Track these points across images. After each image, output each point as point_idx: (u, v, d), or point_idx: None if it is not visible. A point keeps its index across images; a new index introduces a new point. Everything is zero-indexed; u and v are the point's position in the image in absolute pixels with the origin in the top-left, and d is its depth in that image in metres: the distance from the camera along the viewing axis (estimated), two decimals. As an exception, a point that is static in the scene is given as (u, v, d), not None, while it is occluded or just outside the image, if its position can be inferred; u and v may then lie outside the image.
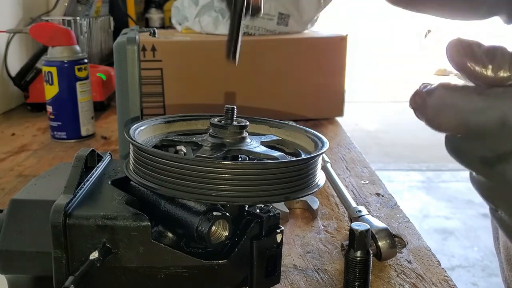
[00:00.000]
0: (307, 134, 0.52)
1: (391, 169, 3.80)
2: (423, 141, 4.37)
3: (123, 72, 0.72)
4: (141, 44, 0.98)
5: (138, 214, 0.43)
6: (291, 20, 1.17)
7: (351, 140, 1.06)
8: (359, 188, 0.80)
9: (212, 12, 1.17)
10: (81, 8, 1.48)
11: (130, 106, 0.72)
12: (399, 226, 0.68)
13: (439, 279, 0.55)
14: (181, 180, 0.42)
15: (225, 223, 0.43)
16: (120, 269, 0.43)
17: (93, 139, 1.07)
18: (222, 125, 0.48)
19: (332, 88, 1.17)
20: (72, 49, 1.02)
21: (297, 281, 0.55)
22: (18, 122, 1.20)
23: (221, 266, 0.44)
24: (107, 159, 0.54)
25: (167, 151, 0.47)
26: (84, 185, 0.47)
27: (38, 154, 0.97)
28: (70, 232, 0.42)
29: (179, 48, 1.12)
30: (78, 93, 1.02)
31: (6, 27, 1.21)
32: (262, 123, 0.56)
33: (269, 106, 1.14)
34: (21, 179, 0.85)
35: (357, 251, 0.49)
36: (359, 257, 0.49)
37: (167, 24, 1.85)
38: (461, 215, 3.09)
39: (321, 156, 0.47)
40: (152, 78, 1.11)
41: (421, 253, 0.61)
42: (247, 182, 0.42)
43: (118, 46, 0.71)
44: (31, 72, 1.28)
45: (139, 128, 0.51)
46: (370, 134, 4.59)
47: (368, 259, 0.49)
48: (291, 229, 0.67)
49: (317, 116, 1.19)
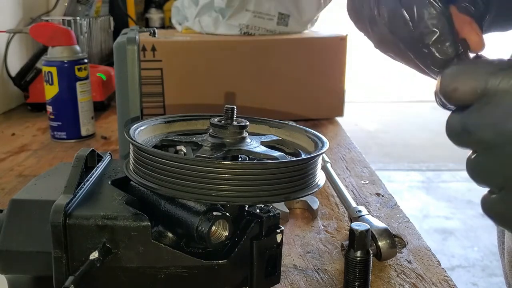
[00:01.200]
0: (307, 134, 0.52)
1: (391, 169, 3.80)
2: (423, 141, 4.38)
3: (123, 72, 0.72)
4: (141, 44, 0.98)
5: (138, 214, 0.43)
6: (291, 20, 1.17)
7: (351, 140, 1.06)
8: (359, 188, 0.80)
9: (212, 12, 1.17)
10: (81, 8, 1.48)
11: (130, 106, 0.72)
12: (399, 226, 0.68)
13: (439, 279, 0.55)
14: (181, 180, 0.42)
15: (225, 223, 0.43)
16: (120, 269, 0.43)
17: (93, 139, 1.07)
18: (222, 125, 0.48)
19: (332, 88, 1.17)
20: (72, 49, 1.02)
21: (297, 281, 0.55)
22: (18, 122, 1.20)
23: (221, 266, 0.44)
24: (107, 159, 0.54)
25: (167, 151, 0.48)
26: (84, 185, 0.47)
27: (38, 154, 0.97)
28: (70, 232, 0.42)
29: (179, 48, 1.12)
30: (78, 93, 1.02)
31: (6, 27, 1.21)
32: (262, 123, 0.56)
33: (269, 106, 1.13)
34: (21, 179, 0.85)
35: (357, 251, 0.49)
36: (359, 257, 0.49)
37: (167, 24, 1.85)
38: (461, 215, 3.09)
39: (321, 156, 0.47)
40: (152, 78, 1.11)
41: (421, 253, 0.61)
42: (247, 182, 0.42)
43: (118, 46, 0.71)
44: (31, 72, 1.28)
45: (139, 128, 0.51)
46: (370, 134, 4.59)
47: (368, 259, 0.49)
48: (291, 229, 0.67)
49: (317, 116, 1.19)
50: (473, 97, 0.34)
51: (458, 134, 0.35)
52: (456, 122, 0.36)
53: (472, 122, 0.34)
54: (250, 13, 1.14)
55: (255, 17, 1.14)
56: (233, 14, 1.14)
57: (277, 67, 1.14)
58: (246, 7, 1.14)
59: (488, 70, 0.34)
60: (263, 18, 1.15)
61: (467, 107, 0.35)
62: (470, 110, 0.35)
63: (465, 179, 3.51)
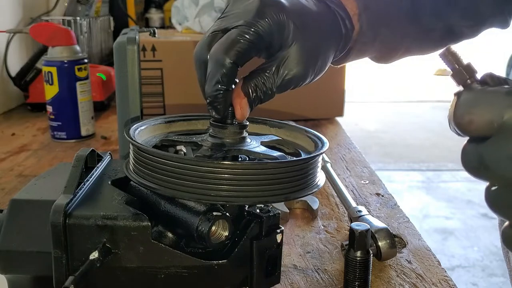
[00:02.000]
0: (307, 134, 0.52)
1: (391, 169, 3.80)
2: (423, 141, 4.38)
3: (123, 72, 0.72)
4: (141, 44, 0.98)
5: (138, 214, 0.43)
6: (291, 20, 1.17)
7: (351, 140, 1.06)
8: (359, 188, 0.80)
9: (212, 12, 1.17)
10: (81, 8, 1.48)
11: (130, 106, 0.72)
12: (399, 226, 0.68)
13: (439, 279, 0.55)
14: (181, 180, 0.42)
15: (225, 223, 0.43)
16: (120, 269, 0.43)
17: (93, 139, 1.07)
18: (222, 125, 0.48)
19: (332, 88, 1.17)
20: (72, 49, 1.02)
21: (297, 281, 0.55)
22: (18, 122, 1.20)
23: (221, 266, 0.44)
24: (107, 159, 0.54)
25: (167, 151, 0.48)
26: (84, 185, 0.47)
27: (38, 154, 0.97)
28: (70, 232, 0.42)
29: (179, 48, 1.12)
30: (78, 93, 1.02)
31: (6, 27, 1.21)
32: (262, 123, 0.56)
33: (269, 106, 1.12)
34: (21, 179, 0.85)
35: (357, 251, 0.49)
36: (359, 257, 0.49)
37: (167, 24, 1.85)
38: (461, 215, 3.10)
39: (321, 156, 0.47)
40: (152, 78, 1.11)
41: (421, 253, 0.61)
42: (247, 182, 0.42)
43: (118, 46, 0.71)
44: (31, 72, 1.28)
45: (139, 128, 0.51)
46: (370, 134, 4.59)
47: (368, 259, 0.49)
48: (291, 229, 0.67)
49: (317, 116, 1.18)
50: (490, 130, 0.33)
51: (476, 168, 0.34)
52: (473, 154, 0.34)
53: (490, 157, 0.33)
54: (250, 13, 1.14)
55: (255, 17, 1.14)
56: (233, 14, 1.14)
57: (277, 67, 1.14)
58: (246, 7, 1.14)
59: (505, 103, 0.33)
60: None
61: (483, 138, 0.34)
62: (487, 144, 0.33)
63: (465, 179, 3.53)
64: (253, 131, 0.54)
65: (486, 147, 0.34)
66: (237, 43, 0.46)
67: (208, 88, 0.46)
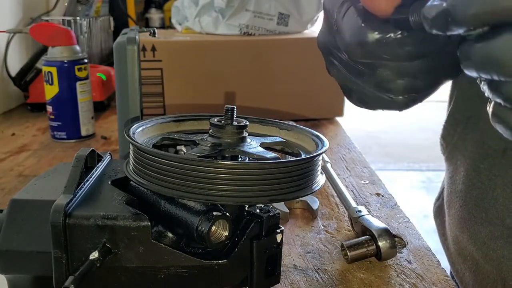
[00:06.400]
0: (311, 135, 0.52)
1: (391, 169, 3.80)
2: (423, 141, 4.38)
3: (123, 72, 0.72)
4: (141, 44, 0.98)
5: (138, 214, 0.43)
6: (291, 20, 1.17)
7: (351, 140, 1.06)
8: (359, 188, 0.80)
9: (212, 12, 1.17)
10: (81, 8, 1.48)
11: (130, 106, 0.72)
12: (399, 226, 0.68)
13: (439, 279, 0.55)
14: (181, 180, 0.42)
15: (225, 223, 0.43)
16: (120, 269, 0.43)
17: (93, 139, 1.07)
18: (221, 125, 0.48)
19: (332, 88, 1.17)
20: (72, 49, 1.02)
21: (297, 281, 0.55)
22: (18, 122, 1.20)
23: (221, 266, 0.44)
24: (107, 159, 0.54)
25: (167, 151, 0.47)
26: (84, 185, 0.47)
27: (38, 154, 0.97)
28: (70, 232, 0.42)
29: (179, 48, 1.12)
30: (78, 93, 1.02)
31: (6, 27, 1.21)
32: (272, 125, 0.56)
33: (269, 106, 1.14)
34: (21, 179, 0.85)
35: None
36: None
37: (167, 24, 1.85)
38: (461, 215, 3.09)
39: (321, 156, 0.47)
40: (152, 78, 1.11)
41: (421, 253, 0.61)
42: (247, 182, 0.42)
43: (118, 46, 0.72)
44: (31, 72, 1.28)
45: (139, 128, 0.51)
46: (370, 134, 4.59)
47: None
48: (291, 229, 0.67)
49: (317, 116, 1.19)
50: None
51: None
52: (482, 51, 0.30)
53: None
54: (250, 13, 1.14)
55: (255, 17, 1.14)
56: (233, 14, 1.14)
57: (277, 67, 1.14)
58: (246, 7, 1.14)
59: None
60: (263, 18, 1.15)
61: None
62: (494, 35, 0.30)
63: (465, 179, 3.50)
64: (261, 132, 0.55)
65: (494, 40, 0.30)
66: None
67: None
